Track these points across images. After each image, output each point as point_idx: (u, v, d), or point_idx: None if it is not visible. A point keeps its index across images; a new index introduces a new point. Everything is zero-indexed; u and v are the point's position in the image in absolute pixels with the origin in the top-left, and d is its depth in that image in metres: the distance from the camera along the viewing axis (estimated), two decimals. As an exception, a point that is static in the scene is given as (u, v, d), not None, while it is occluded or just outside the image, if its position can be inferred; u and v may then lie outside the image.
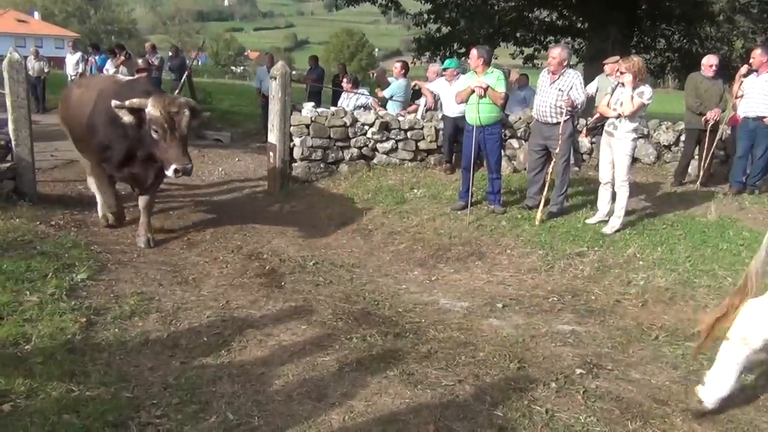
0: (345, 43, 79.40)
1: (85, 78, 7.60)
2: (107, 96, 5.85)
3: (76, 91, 6.83)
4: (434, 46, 17.66)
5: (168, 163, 5.51)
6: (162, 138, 5.51)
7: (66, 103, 6.93)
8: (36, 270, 5.03)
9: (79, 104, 6.40)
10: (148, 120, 5.52)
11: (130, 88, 6.01)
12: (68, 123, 6.78)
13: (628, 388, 3.74)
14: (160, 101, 5.52)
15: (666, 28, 16.83)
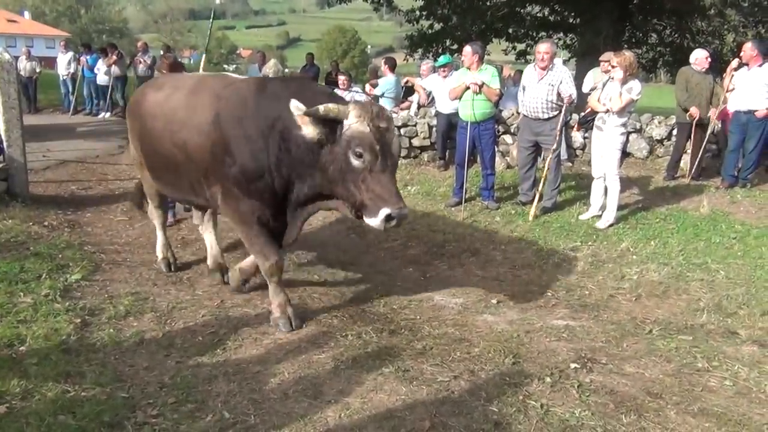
0: (337, 40, 79.30)
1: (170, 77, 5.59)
2: (244, 100, 4.26)
3: (164, 96, 4.85)
4: (426, 43, 17.68)
5: (374, 206, 3.71)
6: (368, 167, 3.73)
7: (147, 112, 4.92)
8: (30, 271, 5.01)
9: (179, 114, 4.57)
10: (347, 138, 3.76)
11: (286, 89, 4.20)
12: (155, 141, 4.80)
13: (622, 382, 3.76)
14: (366, 111, 3.79)
15: (657, 22, 16.89)
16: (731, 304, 5.02)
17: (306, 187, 4.13)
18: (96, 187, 9.04)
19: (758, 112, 7.84)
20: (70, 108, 16.01)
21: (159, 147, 4.76)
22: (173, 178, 4.85)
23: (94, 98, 16.01)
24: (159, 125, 4.72)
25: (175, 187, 4.98)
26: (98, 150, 11.41)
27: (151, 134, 4.84)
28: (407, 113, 9.77)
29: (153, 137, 4.82)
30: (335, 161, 3.83)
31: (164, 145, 4.67)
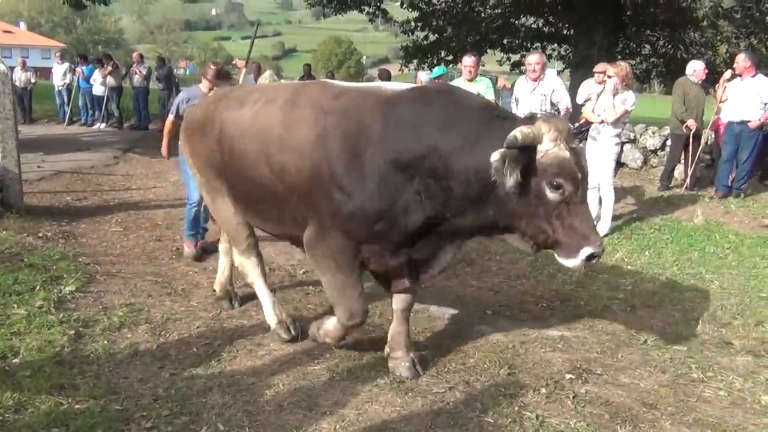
0: (333, 51, 79.60)
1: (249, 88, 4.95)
2: (362, 120, 3.48)
3: (252, 112, 4.03)
4: (422, 54, 17.76)
5: (573, 245, 3.20)
6: (566, 199, 3.17)
7: (229, 133, 4.11)
8: (23, 282, 4.99)
9: (276, 132, 3.79)
10: (543, 167, 3.14)
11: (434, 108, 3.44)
12: (247, 167, 3.99)
13: (617, 393, 3.76)
14: (559, 130, 3.18)
15: (651, 33, 17.02)
16: (725, 314, 5.04)
17: (467, 222, 3.44)
18: (91, 197, 9.03)
19: (751, 123, 7.90)
20: (65, 118, 16.02)
21: (253, 174, 3.94)
22: (274, 211, 4.01)
23: (89, 109, 16.03)
24: (251, 147, 3.92)
25: (276, 222, 4.11)
26: (93, 160, 11.41)
27: (240, 159, 4.01)
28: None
29: (243, 162, 3.99)
30: (522, 193, 3.16)
31: (260, 172, 3.88)
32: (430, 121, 3.35)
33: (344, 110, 3.57)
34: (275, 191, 3.87)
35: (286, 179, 3.75)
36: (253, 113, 4.02)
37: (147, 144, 13.72)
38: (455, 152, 3.26)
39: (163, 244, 6.80)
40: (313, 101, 3.76)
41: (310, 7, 19.17)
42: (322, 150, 3.52)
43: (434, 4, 17.46)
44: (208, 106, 4.51)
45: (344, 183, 3.43)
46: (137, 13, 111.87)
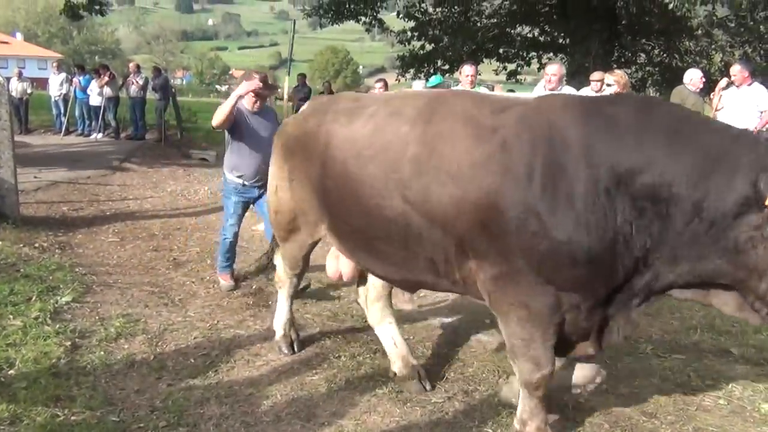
0: (330, 60, 79.92)
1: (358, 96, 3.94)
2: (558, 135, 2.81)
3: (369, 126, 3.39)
4: (418, 63, 17.82)
5: None
6: None
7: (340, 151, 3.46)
8: (19, 293, 4.97)
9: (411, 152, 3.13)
10: None
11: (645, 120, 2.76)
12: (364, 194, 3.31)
13: (616, 402, 3.74)
14: None
15: (646, 42, 17.12)
16: (724, 322, 5.03)
17: (679, 272, 2.72)
18: (87, 208, 9.01)
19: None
20: (61, 129, 16.02)
21: (373, 203, 3.24)
22: (401, 251, 3.27)
23: (86, 119, 16.04)
24: (371, 171, 3.24)
25: (400, 264, 3.36)
26: (90, 171, 11.39)
27: (355, 185, 3.31)
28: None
29: (359, 189, 3.29)
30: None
31: (384, 201, 3.18)
32: (653, 127, 2.70)
33: (526, 121, 2.91)
34: (408, 225, 3.13)
35: (429, 210, 3.03)
36: (371, 128, 3.34)
37: (143, 154, 13.74)
38: (686, 169, 2.58)
39: (159, 255, 6.78)
40: (466, 114, 3.07)
41: (306, 18, 19.23)
42: (501, 172, 2.83)
43: (430, 14, 17.55)
44: (306, 120, 3.82)
45: (542, 210, 2.73)
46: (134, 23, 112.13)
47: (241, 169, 5.45)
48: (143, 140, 15.40)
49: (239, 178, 5.48)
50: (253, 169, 5.44)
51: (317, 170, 3.58)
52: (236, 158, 5.48)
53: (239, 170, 5.47)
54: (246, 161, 5.42)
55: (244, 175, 5.46)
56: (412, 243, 3.18)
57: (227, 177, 5.59)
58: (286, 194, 3.93)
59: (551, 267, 2.77)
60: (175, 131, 15.89)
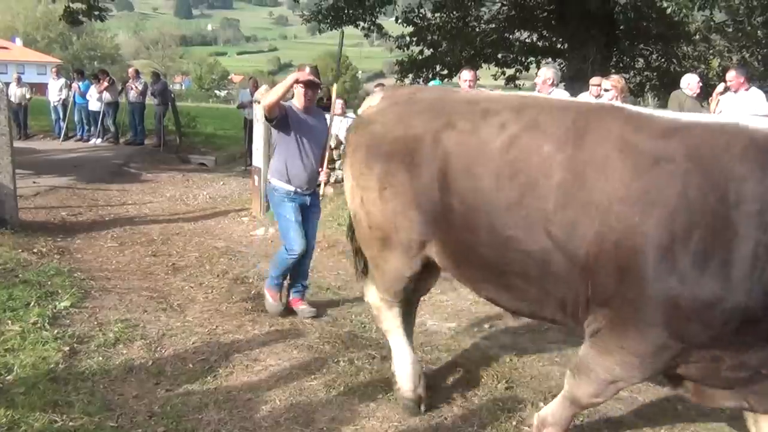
0: (328, 65, 79.83)
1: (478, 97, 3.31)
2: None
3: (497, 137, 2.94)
4: (417, 68, 17.82)
5: None
6: None
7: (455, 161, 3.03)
8: (18, 298, 4.96)
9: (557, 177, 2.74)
10: None
11: None
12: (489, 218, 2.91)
13: (616, 407, 3.74)
14: None
15: (644, 47, 17.15)
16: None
17: None
18: (86, 213, 9.01)
19: None
20: (60, 134, 16.02)
21: (508, 231, 2.83)
22: (529, 285, 2.92)
23: (85, 124, 16.05)
24: (509, 195, 2.81)
25: (528, 299, 3.01)
26: (89, 176, 11.39)
27: (486, 206, 2.88)
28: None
29: (491, 212, 2.87)
30: None
31: (523, 231, 2.79)
32: None
33: (692, 155, 2.53)
34: (546, 262, 2.77)
35: (573, 249, 2.69)
36: (505, 142, 2.88)
37: (143, 159, 13.75)
38: None
39: (158, 259, 6.78)
40: (623, 139, 2.67)
41: (305, 23, 19.26)
42: (655, 213, 2.52)
43: (429, 19, 17.57)
44: (406, 119, 3.26)
45: (691, 267, 2.45)
46: (133, 29, 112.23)
47: (294, 175, 5.00)
48: (142, 145, 15.41)
49: (290, 184, 5.01)
50: (306, 175, 5.03)
51: (427, 181, 3.07)
52: (287, 163, 5.00)
53: (291, 176, 5.00)
54: (298, 166, 4.99)
55: (296, 181, 5.01)
56: (548, 281, 2.83)
57: (275, 185, 5.07)
58: (375, 206, 3.32)
59: (692, 325, 2.51)
60: (174, 136, 15.90)
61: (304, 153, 5.00)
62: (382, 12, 17.23)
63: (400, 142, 3.21)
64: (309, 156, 5.02)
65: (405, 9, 17.47)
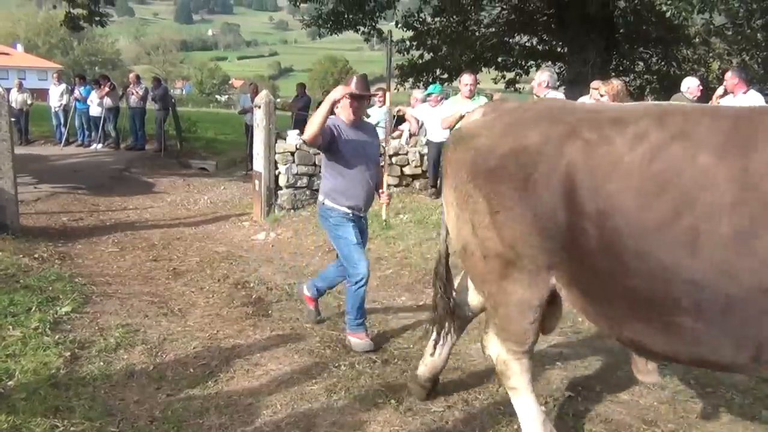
0: (329, 70, 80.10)
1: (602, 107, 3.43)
2: None
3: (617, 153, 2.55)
4: (417, 73, 17.86)
5: None
6: None
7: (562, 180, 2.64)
8: (19, 304, 4.96)
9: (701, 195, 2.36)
10: None
11: None
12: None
13: (617, 410, 3.74)
14: None
15: (644, 51, 17.18)
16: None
17: None
18: (87, 218, 9.03)
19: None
20: (61, 139, 16.05)
21: (665, 259, 2.40)
22: (695, 323, 2.44)
23: (85, 129, 16.08)
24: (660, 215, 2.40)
25: (692, 340, 2.50)
26: (90, 181, 11.40)
27: (631, 229, 2.46)
28: (398, 142, 9.84)
29: (637, 236, 2.45)
30: None
31: (685, 258, 2.36)
32: None
33: None
34: (721, 294, 2.33)
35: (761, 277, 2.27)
36: (646, 154, 2.48)
37: (143, 164, 13.76)
38: None
39: (159, 264, 6.79)
40: None
41: (305, 28, 19.29)
42: None
43: (429, 23, 17.61)
44: (522, 131, 2.81)
45: None
46: (134, 34, 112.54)
47: (350, 196, 4.55)
48: (143, 150, 15.43)
49: (348, 207, 4.56)
50: (364, 195, 4.61)
51: (548, 201, 2.64)
52: (341, 184, 4.56)
53: (347, 198, 4.55)
54: (354, 186, 4.55)
55: (354, 203, 4.57)
56: (722, 317, 2.37)
57: (330, 205, 4.59)
58: (487, 231, 2.86)
59: None
60: (175, 141, 15.92)
61: (359, 170, 4.53)
62: (382, 17, 17.27)
63: (512, 157, 2.75)
64: (364, 173, 4.56)
65: (405, 13, 17.51)
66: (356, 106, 4.54)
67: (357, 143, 4.55)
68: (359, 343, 4.55)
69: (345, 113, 4.55)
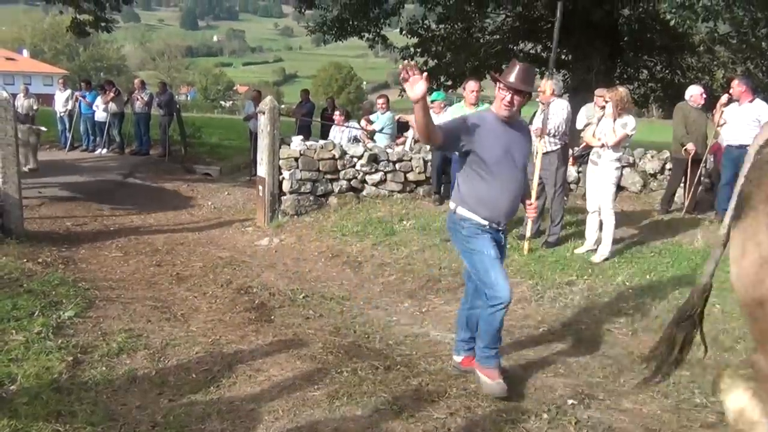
0: (333, 76, 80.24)
1: None
2: None
3: None
4: (421, 79, 17.87)
5: None
6: None
7: None
8: (22, 308, 4.97)
9: None
10: None
11: None
12: None
13: (620, 418, 3.72)
14: None
15: (648, 59, 17.16)
16: (728, 338, 5.00)
17: None
18: (91, 223, 9.04)
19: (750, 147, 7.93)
20: (66, 144, 16.10)
21: None
22: None
23: (90, 135, 16.13)
24: None
25: None
26: (94, 186, 11.43)
27: None
28: (402, 149, 9.85)
29: None
30: None
31: None
32: None
33: None
34: None
35: None
36: None
37: (148, 169, 13.79)
38: None
39: (162, 269, 6.80)
40: None
41: (310, 34, 19.34)
42: None
43: (433, 30, 17.64)
44: None
45: None
46: (139, 40, 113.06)
47: (490, 205, 3.84)
48: (147, 155, 15.47)
49: (486, 219, 3.85)
50: (507, 205, 3.89)
51: None
52: (480, 189, 3.83)
53: (486, 207, 3.84)
54: (496, 194, 3.83)
55: (493, 214, 3.86)
56: None
57: (463, 215, 3.89)
58: None
59: None
60: (180, 147, 15.96)
61: (504, 175, 3.82)
62: (387, 23, 17.30)
63: None
64: (510, 179, 3.85)
65: (409, 20, 17.54)
66: (510, 101, 3.76)
67: (505, 143, 3.82)
68: (490, 385, 3.84)
69: (497, 106, 3.84)
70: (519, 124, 4.01)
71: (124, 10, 18.78)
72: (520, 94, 3.78)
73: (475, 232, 3.85)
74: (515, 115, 3.89)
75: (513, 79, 3.74)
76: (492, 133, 3.79)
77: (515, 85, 3.74)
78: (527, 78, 3.79)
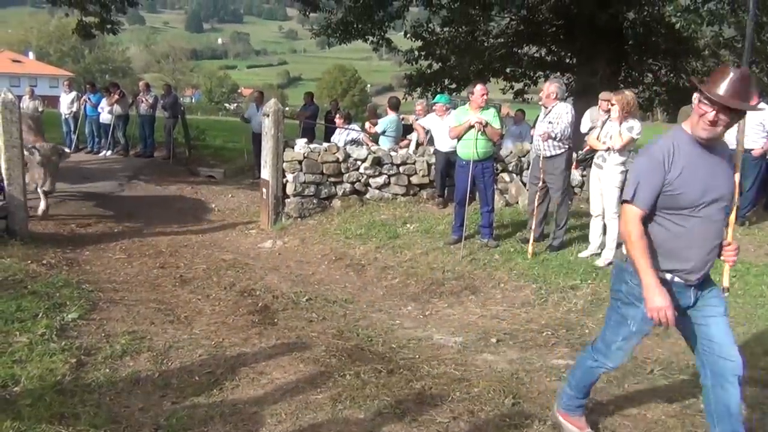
0: (337, 79, 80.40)
1: None
2: None
3: None
4: (425, 82, 17.88)
5: None
6: None
7: None
8: (26, 310, 4.98)
9: None
10: None
11: None
12: None
13: (624, 423, 3.71)
14: None
15: (653, 62, 17.14)
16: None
17: None
18: (95, 224, 9.05)
19: (754, 151, 7.91)
20: (71, 146, 16.14)
21: None
22: None
23: (95, 136, 16.17)
24: None
25: None
26: (99, 188, 11.45)
27: None
28: (406, 151, 9.85)
29: None
30: None
31: None
32: None
33: None
34: None
35: None
36: None
37: (152, 171, 13.81)
38: None
39: (166, 272, 6.80)
40: None
41: (314, 37, 19.36)
42: None
43: (438, 33, 17.65)
44: None
45: None
46: (144, 42, 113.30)
47: (678, 255, 2.95)
48: (152, 157, 15.49)
49: (670, 272, 2.97)
50: (703, 255, 2.97)
51: None
52: (664, 235, 2.94)
53: (672, 258, 2.95)
54: (688, 240, 2.92)
55: (681, 266, 2.97)
56: None
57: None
58: None
59: None
60: (184, 149, 15.99)
61: (700, 217, 2.89)
62: (391, 26, 17.31)
63: None
64: (709, 221, 2.91)
65: (414, 23, 17.55)
66: (713, 119, 2.76)
67: (705, 174, 2.85)
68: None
69: (694, 122, 2.86)
70: (720, 146, 2.96)
71: (129, 12, 18.84)
72: (728, 112, 2.74)
73: (639, 295, 2.95)
74: (719, 137, 2.87)
75: (723, 93, 2.72)
76: (686, 162, 2.84)
77: (725, 100, 2.71)
78: (743, 91, 2.75)
